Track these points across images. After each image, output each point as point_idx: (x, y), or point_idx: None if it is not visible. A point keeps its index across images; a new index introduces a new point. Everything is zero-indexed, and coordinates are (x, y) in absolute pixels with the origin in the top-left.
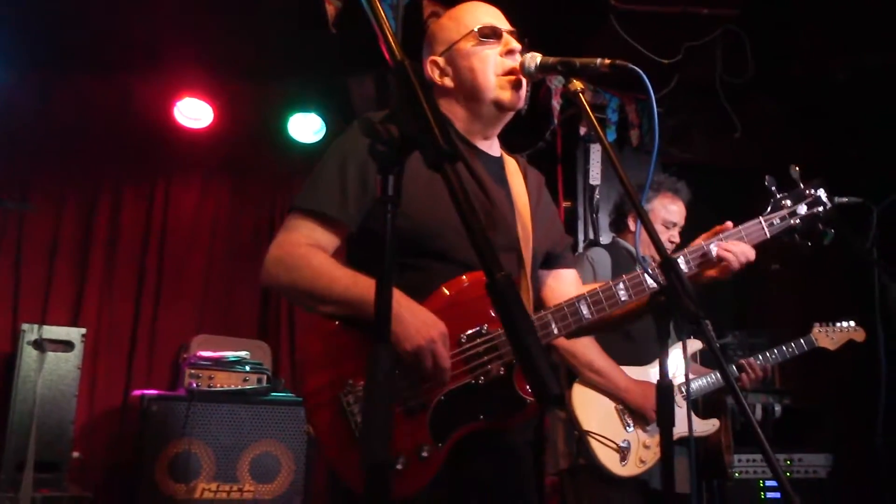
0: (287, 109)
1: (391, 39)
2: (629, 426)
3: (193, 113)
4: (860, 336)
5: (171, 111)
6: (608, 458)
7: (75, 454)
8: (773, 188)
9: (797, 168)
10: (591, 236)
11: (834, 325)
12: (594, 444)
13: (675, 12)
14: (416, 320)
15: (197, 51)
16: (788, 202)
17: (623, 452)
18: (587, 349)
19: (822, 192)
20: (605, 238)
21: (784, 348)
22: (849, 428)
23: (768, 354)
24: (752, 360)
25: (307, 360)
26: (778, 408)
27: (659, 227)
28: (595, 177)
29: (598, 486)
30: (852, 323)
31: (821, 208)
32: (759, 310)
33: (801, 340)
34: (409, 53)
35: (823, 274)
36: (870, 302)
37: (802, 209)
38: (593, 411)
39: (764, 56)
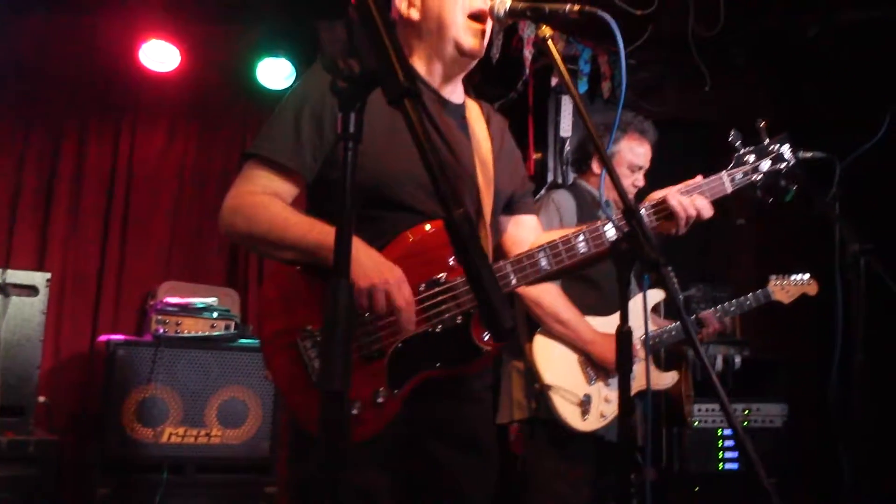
0: (257, 54)
1: None
2: (592, 379)
3: (159, 56)
4: (813, 289)
5: (136, 53)
6: (569, 413)
7: (41, 399)
8: (738, 143)
9: (763, 123)
10: None
11: (789, 277)
12: (555, 397)
13: None
14: (371, 261)
15: None
16: (752, 157)
17: (584, 406)
18: (554, 300)
19: (786, 148)
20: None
21: (742, 300)
22: (805, 379)
23: (727, 306)
24: (710, 312)
25: (265, 306)
26: (738, 359)
27: (624, 171)
28: (566, 129)
29: (553, 439)
30: (806, 276)
31: (783, 165)
32: (722, 263)
33: (759, 293)
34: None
35: (787, 228)
36: (830, 255)
37: (765, 165)
38: (555, 364)
39: (736, 9)
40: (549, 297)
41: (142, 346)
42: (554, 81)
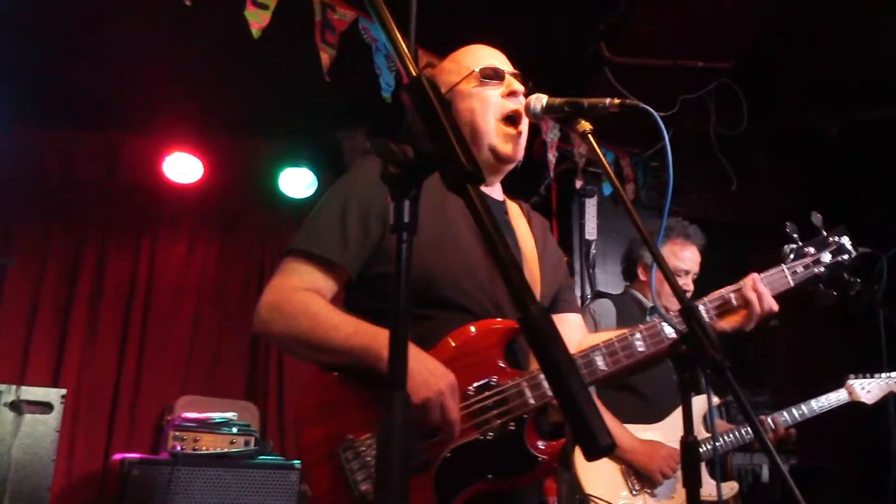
0: (278, 164)
1: (405, 54)
2: (635, 490)
3: (183, 168)
4: None
5: (160, 166)
6: None
7: None
8: (796, 235)
9: (819, 215)
10: (589, 291)
11: (872, 376)
12: None
13: (668, 65)
14: (423, 370)
15: (187, 106)
16: (812, 249)
17: None
18: None
19: (846, 240)
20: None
21: (813, 404)
22: (860, 488)
23: (794, 412)
24: (775, 416)
25: (303, 413)
26: (785, 468)
27: None
28: (591, 231)
29: None
30: (894, 374)
31: (846, 256)
32: (757, 367)
33: (834, 395)
34: (402, 107)
35: (822, 327)
36: (875, 356)
37: (827, 257)
38: (597, 473)
39: (757, 109)
40: None
41: (158, 464)
42: (578, 184)
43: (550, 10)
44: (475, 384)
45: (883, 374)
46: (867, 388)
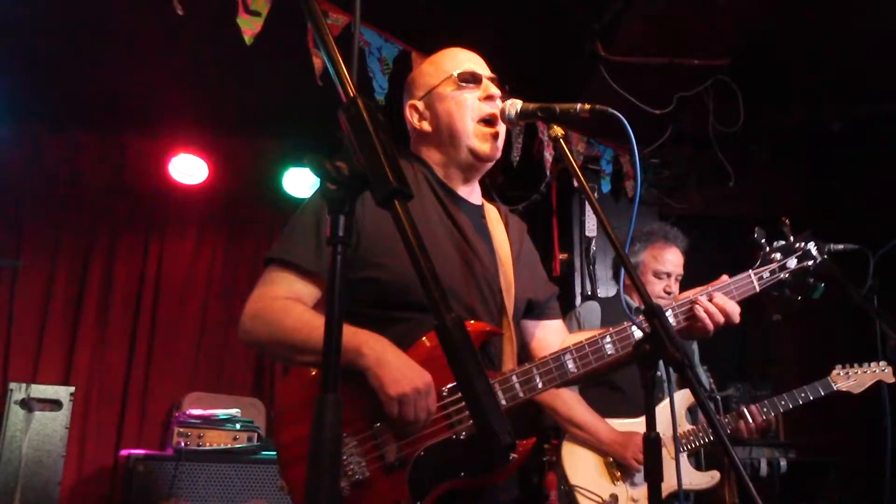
0: (282, 164)
1: (344, 75)
2: (617, 480)
3: (188, 169)
4: (889, 377)
5: (165, 167)
6: None
7: None
8: (763, 241)
9: (787, 221)
10: (589, 288)
11: (859, 365)
12: (581, 499)
13: (664, 63)
14: (402, 366)
15: (192, 107)
16: (778, 255)
17: None
18: (567, 404)
19: (812, 246)
20: (605, 290)
21: (796, 394)
22: (857, 480)
23: (777, 401)
24: (752, 407)
25: (282, 411)
26: (783, 462)
27: (650, 279)
28: (591, 228)
29: None
30: (881, 363)
31: (811, 262)
32: (760, 361)
33: (817, 384)
34: (399, 106)
35: (825, 322)
36: (872, 348)
37: (792, 263)
38: (581, 465)
39: (756, 105)
40: (562, 402)
41: (162, 460)
42: (577, 182)
43: (546, 10)
44: (449, 385)
45: (869, 364)
46: (853, 378)
